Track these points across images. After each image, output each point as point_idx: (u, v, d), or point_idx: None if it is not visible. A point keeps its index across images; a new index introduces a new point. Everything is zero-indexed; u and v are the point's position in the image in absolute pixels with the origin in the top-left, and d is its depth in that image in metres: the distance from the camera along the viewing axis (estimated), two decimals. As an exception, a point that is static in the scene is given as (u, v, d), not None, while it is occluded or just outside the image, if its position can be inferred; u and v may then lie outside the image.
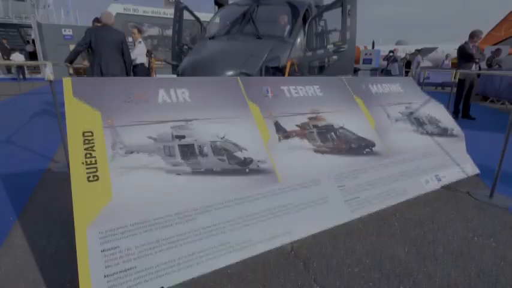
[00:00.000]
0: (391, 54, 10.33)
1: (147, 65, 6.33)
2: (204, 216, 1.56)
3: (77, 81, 1.68)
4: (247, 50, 4.34)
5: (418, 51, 12.58)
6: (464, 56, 5.76)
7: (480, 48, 6.63)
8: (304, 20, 5.51)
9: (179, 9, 6.20)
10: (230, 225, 1.59)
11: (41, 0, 18.07)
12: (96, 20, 5.61)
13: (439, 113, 3.11)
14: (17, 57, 14.77)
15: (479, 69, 6.02)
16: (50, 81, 2.89)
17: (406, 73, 10.54)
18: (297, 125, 2.21)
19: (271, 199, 1.77)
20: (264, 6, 5.52)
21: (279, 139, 2.07)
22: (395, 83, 3.12)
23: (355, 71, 10.69)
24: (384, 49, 24.63)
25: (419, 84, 9.38)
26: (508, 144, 2.48)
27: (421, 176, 2.44)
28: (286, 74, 4.45)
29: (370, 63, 13.94)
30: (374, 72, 12.23)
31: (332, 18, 6.01)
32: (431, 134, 2.83)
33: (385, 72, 10.39)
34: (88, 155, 1.49)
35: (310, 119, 2.30)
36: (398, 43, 27.21)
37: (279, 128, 2.12)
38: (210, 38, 5.00)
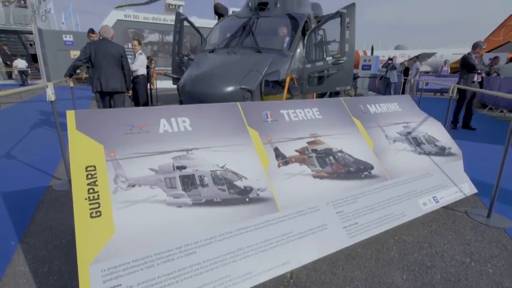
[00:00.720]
0: (389, 61, 10.38)
1: (147, 72, 6.36)
2: (205, 249, 1.58)
3: (79, 114, 1.72)
4: (246, 65, 4.37)
5: (416, 57, 12.64)
6: (466, 66, 5.85)
7: (483, 59, 6.71)
8: (304, 32, 5.56)
9: (180, 20, 6.26)
10: (230, 257, 1.61)
11: (42, 6, 18.15)
12: (91, 31, 5.66)
13: (437, 131, 3.15)
14: (20, 63, 14.91)
15: (481, 79, 6.04)
16: (51, 102, 2.92)
17: (405, 81, 10.59)
18: (296, 150, 2.24)
19: (271, 228, 1.80)
20: (264, 18, 5.58)
21: (279, 165, 2.10)
22: (393, 101, 3.16)
23: (355, 77, 10.74)
24: (382, 54, 24.78)
25: (418, 91, 9.39)
26: (505, 163, 2.51)
27: (419, 198, 2.46)
28: (286, 88, 4.49)
29: (369, 69, 14.01)
30: (373, 79, 12.28)
31: (331, 29, 6.07)
32: (428, 154, 2.86)
33: (384, 79, 10.44)
34: (91, 190, 1.52)
35: (309, 143, 2.33)
36: (397, 48, 27.35)
37: (278, 153, 2.15)
38: (210, 51, 5.04)
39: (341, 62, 5.53)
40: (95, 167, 1.59)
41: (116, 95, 4.56)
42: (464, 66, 5.90)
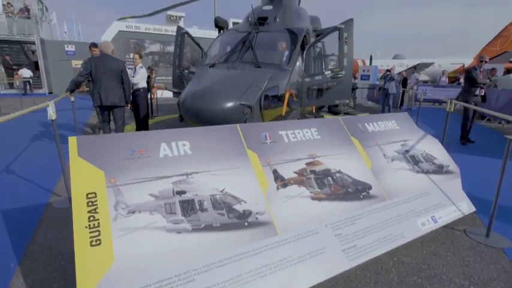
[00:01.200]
0: (388, 73, 10.49)
1: (148, 82, 6.41)
2: (204, 276, 1.59)
3: (81, 140, 1.74)
4: (246, 80, 4.43)
5: (414, 68, 12.78)
6: (469, 80, 5.87)
7: (489, 72, 6.69)
8: (303, 47, 5.65)
9: (181, 34, 6.36)
10: (229, 284, 1.61)
11: (45, 17, 18.40)
12: (93, 45, 5.74)
13: (435, 148, 3.17)
14: (24, 72, 15.26)
15: (484, 94, 5.98)
16: (52, 120, 2.95)
17: (403, 91, 10.68)
18: (295, 172, 2.26)
19: (269, 253, 1.81)
20: (263, 33, 5.66)
21: (277, 188, 2.12)
22: (391, 119, 3.20)
23: (353, 88, 10.84)
24: (381, 63, 25.04)
25: (417, 100, 9.44)
26: (502, 180, 2.53)
27: (418, 218, 2.47)
28: (285, 103, 4.54)
29: (368, 79, 14.14)
30: (372, 90, 12.38)
31: (330, 42, 6.16)
32: (426, 172, 2.88)
33: (383, 90, 10.53)
34: (91, 218, 1.54)
35: (307, 164, 2.35)
36: (395, 57, 27.63)
37: (277, 176, 2.17)
38: (210, 66, 5.10)
39: (340, 75, 5.60)
40: (95, 193, 1.61)
41: (116, 109, 4.64)
42: (467, 80, 5.94)
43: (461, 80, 13.95)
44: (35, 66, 16.58)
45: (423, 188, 2.74)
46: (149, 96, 8.25)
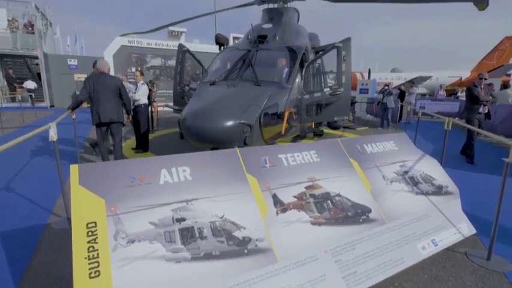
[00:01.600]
0: (386, 87, 10.63)
1: (149, 95, 6.47)
2: (202, 307, 1.58)
3: (83, 168, 1.76)
4: (246, 99, 4.49)
5: (412, 82, 12.94)
6: (471, 98, 5.84)
7: (491, 89, 6.60)
8: (302, 64, 5.74)
9: (182, 52, 6.48)
10: (228, 315, 1.60)
11: (49, 31, 18.75)
12: (95, 64, 5.88)
13: (433, 169, 3.19)
14: (29, 84, 15.68)
15: (488, 111, 5.92)
16: (54, 141, 2.98)
17: (402, 106, 10.78)
18: (294, 196, 2.27)
19: (269, 282, 1.80)
20: (263, 51, 5.76)
21: (277, 213, 2.12)
22: (390, 140, 3.23)
23: (352, 102, 10.94)
24: (379, 76, 25.36)
25: (415, 114, 9.48)
26: (502, 200, 2.53)
27: (418, 241, 2.46)
28: (285, 122, 4.59)
29: (367, 93, 14.29)
30: (370, 104, 12.50)
31: (328, 58, 6.27)
32: (426, 194, 2.89)
33: (382, 104, 10.63)
34: (91, 249, 1.54)
35: (307, 187, 2.36)
36: (393, 70, 28.00)
37: (276, 200, 2.18)
38: (210, 84, 5.17)
39: (338, 92, 5.68)
40: (95, 223, 1.61)
41: (113, 125, 4.73)
42: (469, 98, 5.91)
43: (459, 94, 14.08)
44: (38, 78, 16.85)
45: (423, 209, 2.74)
46: (150, 109, 8.35)
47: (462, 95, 14.10)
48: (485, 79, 5.88)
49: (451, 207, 2.90)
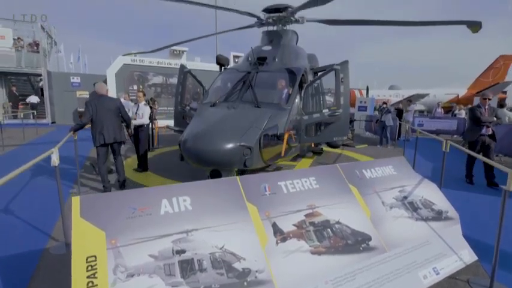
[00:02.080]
0: (384, 105, 10.77)
1: (150, 111, 6.53)
2: None
3: (84, 200, 1.78)
4: (246, 121, 4.55)
5: (409, 101, 13.14)
6: (473, 119, 5.72)
7: (496, 110, 6.30)
8: (301, 85, 5.86)
9: (183, 73, 6.62)
10: None
11: (53, 50, 19.17)
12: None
13: (432, 193, 3.20)
14: (32, 99, 16.23)
15: (493, 132, 5.65)
16: (55, 167, 3.00)
17: (400, 125, 10.89)
18: (294, 224, 2.27)
19: (269, 316, 1.78)
20: (262, 73, 5.89)
21: (277, 242, 2.12)
22: (388, 165, 3.26)
23: (351, 121, 11.05)
24: (377, 93, 25.73)
25: (413, 131, 9.57)
26: (502, 226, 2.52)
27: (419, 270, 2.44)
28: (284, 143, 4.63)
29: (365, 111, 14.46)
30: (369, 122, 12.63)
31: (327, 80, 6.39)
32: (426, 220, 2.88)
33: (380, 122, 10.75)
34: (90, 284, 1.53)
35: (306, 215, 2.37)
36: (391, 88, 28.44)
37: (276, 229, 2.18)
38: (211, 105, 5.25)
39: (337, 114, 5.77)
40: (95, 257, 1.61)
41: (116, 144, 4.93)
42: (471, 119, 5.81)
43: (457, 112, 14.23)
44: (41, 93, 17.15)
45: (423, 236, 2.73)
46: (151, 126, 8.43)
47: (460, 112, 14.25)
48: (489, 99, 5.71)
49: (451, 233, 2.89)
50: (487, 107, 5.66)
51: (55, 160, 2.95)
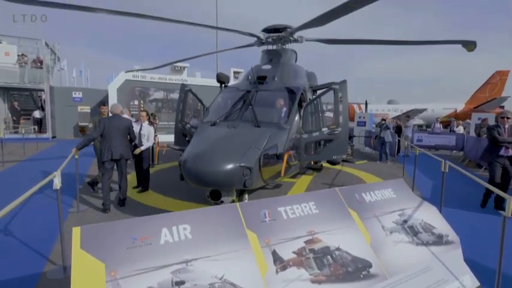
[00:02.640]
0: (383, 122, 10.87)
1: (148, 126, 6.55)
2: None
3: (85, 231, 1.79)
4: (246, 141, 4.59)
5: (407, 116, 13.27)
6: (490, 139, 5.34)
7: (485, 124, 5.82)
8: (300, 104, 5.94)
9: (184, 91, 6.73)
10: None
11: (56, 65, 19.47)
12: (102, 103, 6.18)
13: (432, 217, 3.20)
14: (37, 114, 16.78)
15: None
16: (57, 190, 3.02)
17: (398, 141, 10.96)
18: (294, 252, 2.26)
19: None
20: (262, 92, 5.97)
21: (277, 271, 2.11)
22: (387, 187, 3.27)
23: (350, 137, 11.12)
24: (376, 108, 26.00)
25: (413, 147, 9.63)
26: (503, 252, 2.50)
27: (421, 298, 2.42)
28: (284, 163, 4.66)
29: (364, 126, 14.58)
30: (368, 139, 12.70)
31: (326, 97, 6.48)
32: (426, 244, 2.87)
33: (379, 138, 10.81)
34: (89, 319, 1.52)
35: (306, 242, 2.37)
36: (390, 102, 28.74)
37: (276, 257, 2.17)
38: (211, 124, 5.31)
39: (336, 132, 5.82)
40: (94, 290, 1.61)
41: (122, 161, 5.17)
42: (488, 139, 5.46)
43: (455, 128, 14.33)
44: (42, 108, 17.37)
45: (424, 262, 2.71)
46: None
47: (458, 129, 14.37)
48: (507, 118, 5.24)
49: (452, 258, 2.87)
50: (506, 126, 5.25)
51: (57, 183, 2.96)
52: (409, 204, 3.20)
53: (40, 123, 16.61)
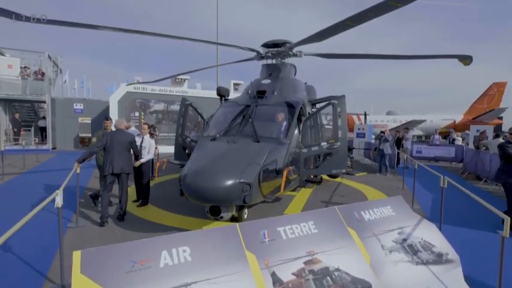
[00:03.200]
0: (382, 134, 10.93)
1: (149, 139, 6.58)
2: None
3: (85, 255, 1.80)
4: (245, 156, 4.61)
5: (406, 128, 13.35)
6: (505, 158, 5.04)
7: (483, 137, 5.53)
8: (299, 118, 5.99)
9: (185, 105, 6.80)
10: None
11: (58, 78, 19.67)
12: (106, 118, 6.22)
13: (432, 235, 3.20)
14: (41, 123, 17.13)
15: None
16: (58, 208, 3.03)
17: (398, 154, 10.98)
18: (293, 273, 2.27)
19: None
20: (262, 106, 6.03)
21: (276, 294, 2.11)
22: (386, 205, 3.29)
23: (350, 149, 11.15)
24: (375, 119, 26.14)
25: (412, 156, 9.62)
26: (502, 272, 2.50)
27: (421, 320, 2.40)
28: (284, 179, 4.68)
29: (364, 137, 14.65)
30: (368, 151, 12.74)
31: (325, 110, 6.56)
32: (426, 263, 2.87)
33: (378, 150, 10.85)
34: None
35: (306, 263, 2.37)
36: (388, 113, 28.92)
37: (275, 279, 2.18)
38: (211, 139, 5.34)
39: (335, 146, 5.86)
40: (94, 316, 1.61)
41: (123, 175, 5.20)
42: (503, 158, 5.10)
43: (456, 142, 14.38)
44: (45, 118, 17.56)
45: (424, 281, 2.70)
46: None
47: (457, 139, 14.44)
48: None
49: (452, 277, 2.86)
50: None
51: (59, 202, 2.97)
52: (408, 222, 3.21)
53: (44, 132, 16.91)
